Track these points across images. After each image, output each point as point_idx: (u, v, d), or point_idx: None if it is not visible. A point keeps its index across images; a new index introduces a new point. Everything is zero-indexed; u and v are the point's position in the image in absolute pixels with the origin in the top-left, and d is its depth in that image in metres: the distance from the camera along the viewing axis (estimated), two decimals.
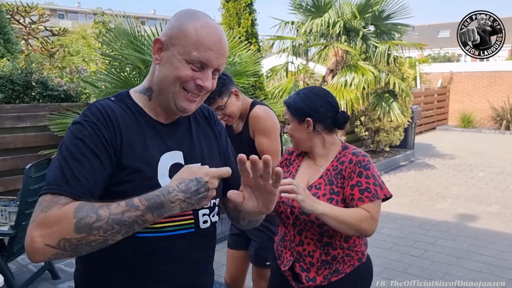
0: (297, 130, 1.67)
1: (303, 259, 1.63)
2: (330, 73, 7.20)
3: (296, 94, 1.69)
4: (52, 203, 0.93)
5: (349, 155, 1.60)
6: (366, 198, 1.53)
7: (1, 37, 5.57)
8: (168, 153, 1.10)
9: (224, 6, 5.54)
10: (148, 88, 1.13)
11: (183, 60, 1.05)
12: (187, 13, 1.09)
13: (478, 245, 4.19)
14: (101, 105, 1.08)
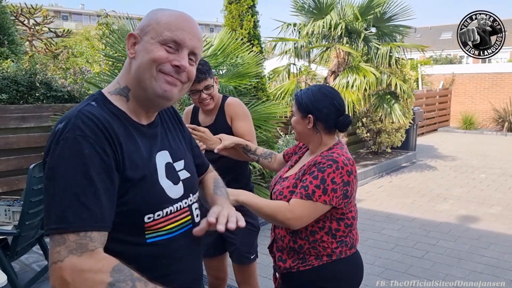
0: (299, 124, 1.72)
1: (277, 241, 1.73)
2: (332, 75, 7.22)
3: (307, 89, 1.73)
4: (81, 246, 0.87)
5: (319, 157, 1.62)
6: (299, 193, 1.56)
7: (6, 38, 5.61)
8: (159, 153, 1.11)
9: (227, 8, 5.57)
10: (124, 87, 1.09)
11: (157, 43, 1.04)
12: (161, 8, 1.11)
13: (480, 246, 4.20)
14: (90, 113, 0.99)
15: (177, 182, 1.12)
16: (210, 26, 55.05)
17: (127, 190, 1.00)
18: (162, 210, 1.06)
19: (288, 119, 6.18)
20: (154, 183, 1.05)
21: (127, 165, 1.00)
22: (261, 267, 3.75)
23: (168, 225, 1.07)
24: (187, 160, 1.21)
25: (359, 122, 8.10)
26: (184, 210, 1.12)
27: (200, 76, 2.14)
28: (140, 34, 1.06)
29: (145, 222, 1.03)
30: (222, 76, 4.51)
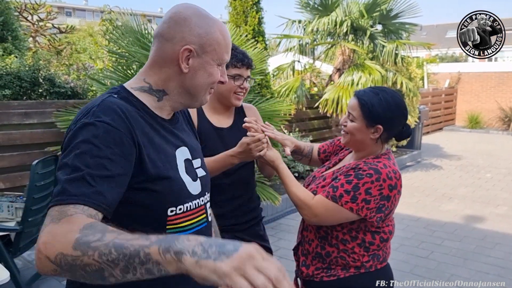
0: (361, 132, 1.52)
1: (304, 244, 1.64)
2: (337, 72, 7.17)
3: (375, 94, 1.52)
4: (61, 214, 0.84)
5: (362, 162, 1.51)
6: (326, 192, 1.47)
7: (9, 34, 5.60)
8: (179, 149, 1.13)
9: (231, 4, 5.54)
10: (159, 90, 1.10)
11: (215, 65, 1.10)
12: (199, 16, 1.08)
13: (485, 246, 4.15)
14: (112, 104, 1.00)
15: (195, 179, 1.15)
16: None
17: (150, 182, 1.01)
18: (183, 204, 1.08)
19: (292, 117, 6.14)
20: (176, 177, 1.07)
21: (148, 155, 1.01)
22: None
23: (187, 221, 1.09)
24: (202, 160, 1.24)
25: None
26: (201, 207, 1.15)
27: (251, 63, 1.92)
28: (197, 51, 1.07)
29: (168, 215, 1.05)
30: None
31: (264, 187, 4.51)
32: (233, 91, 1.89)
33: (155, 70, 1.10)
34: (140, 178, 1.00)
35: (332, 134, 7.90)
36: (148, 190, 1.01)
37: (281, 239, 4.35)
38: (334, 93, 6.48)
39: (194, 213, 1.11)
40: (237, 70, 1.88)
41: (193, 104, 1.15)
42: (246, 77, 1.91)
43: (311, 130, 7.60)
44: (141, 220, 1.02)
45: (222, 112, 2.00)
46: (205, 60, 1.08)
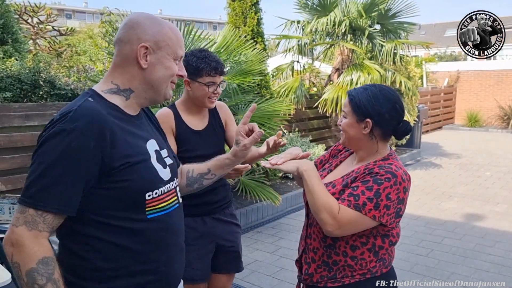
0: (352, 127, 1.53)
1: (308, 252, 1.60)
2: (336, 72, 7.19)
3: (363, 89, 1.54)
4: (33, 223, 1.08)
5: (376, 166, 1.47)
6: (347, 201, 1.41)
7: (10, 36, 5.62)
8: (149, 142, 1.28)
9: (230, 5, 5.55)
10: (126, 90, 1.25)
11: (171, 59, 1.25)
12: (151, 19, 1.25)
13: (485, 244, 4.17)
14: (87, 109, 1.14)
15: (165, 166, 1.30)
16: (214, 24, 55.01)
17: (125, 172, 1.16)
18: (158, 189, 1.24)
19: (291, 117, 6.16)
20: (149, 165, 1.23)
21: (121, 152, 1.15)
22: (265, 265, 3.75)
23: (163, 203, 1.25)
24: (169, 150, 1.39)
25: None
26: (172, 191, 1.31)
27: (223, 69, 2.06)
28: (153, 47, 1.22)
29: (146, 199, 1.20)
30: (226, 74, 4.49)
31: (264, 187, 4.53)
32: (207, 96, 2.08)
33: (119, 71, 1.25)
34: (116, 169, 1.14)
35: (332, 133, 7.91)
36: (125, 179, 1.16)
37: (281, 239, 4.36)
38: (333, 93, 6.50)
39: (167, 196, 1.27)
40: (210, 78, 2.05)
41: (158, 98, 1.29)
42: (219, 83, 2.08)
43: (310, 130, 7.62)
44: (123, 205, 1.17)
45: (197, 113, 2.19)
46: (161, 55, 1.23)
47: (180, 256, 1.35)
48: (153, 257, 1.23)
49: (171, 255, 1.28)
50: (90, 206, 1.15)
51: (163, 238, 1.25)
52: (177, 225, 1.32)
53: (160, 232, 1.24)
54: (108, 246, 1.17)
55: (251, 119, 2.22)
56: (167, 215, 1.26)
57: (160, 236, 1.24)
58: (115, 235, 1.17)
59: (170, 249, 1.28)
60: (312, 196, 1.44)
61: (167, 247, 1.27)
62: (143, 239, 1.20)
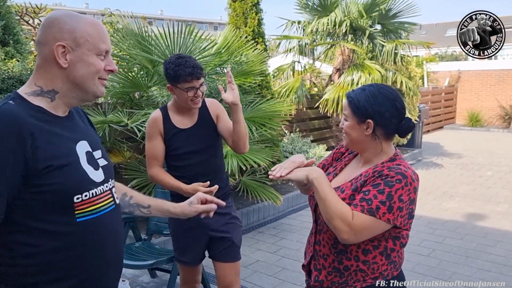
0: (354, 129, 1.50)
1: (317, 259, 1.57)
2: (336, 72, 7.19)
3: (362, 90, 1.52)
4: None
5: (385, 168, 1.44)
6: (360, 206, 1.38)
7: (11, 38, 5.63)
8: (79, 143, 1.25)
9: (231, 6, 5.56)
10: (50, 91, 1.21)
11: (94, 55, 1.20)
12: (68, 16, 1.21)
13: (487, 244, 4.17)
14: (5, 112, 1.11)
15: (97, 168, 1.27)
16: (214, 24, 55.04)
17: (50, 175, 1.13)
18: (88, 191, 1.21)
19: (292, 117, 6.16)
20: (77, 167, 1.20)
21: (44, 155, 1.12)
22: (267, 266, 3.75)
23: (95, 205, 1.22)
24: (103, 151, 1.36)
25: None
26: (106, 193, 1.28)
27: (200, 72, 2.15)
28: (71, 45, 1.18)
29: (74, 202, 1.17)
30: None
31: (265, 187, 4.53)
32: (189, 100, 2.17)
33: (41, 73, 1.21)
34: (40, 172, 1.12)
35: (333, 134, 7.91)
36: (50, 182, 1.13)
37: (283, 239, 4.37)
38: (334, 93, 6.50)
39: (99, 198, 1.24)
40: (188, 84, 2.13)
41: (87, 96, 1.26)
42: (199, 86, 2.16)
43: (311, 130, 7.62)
44: (51, 208, 1.15)
45: (186, 112, 2.27)
46: (81, 52, 1.19)
47: (116, 259, 1.33)
48: (85, 261, 1.21)
49: (106, 259, 1.27)
50: (17, 210, 1.12)
51: (95, 241, 1.22)
52: (113, 227, 1.29)
53: (92, 236, 1.21)
54: (36, 250, 1.15)
55: (252, 120, 2.26)
56: (100, 217, 1.24)
57: (91, 240, 1.21)
58: (43, 239, 1.14)
59: (104, 252, 1.26)
60: (324, 204, 1.40)
61: (101, 250, 1.25)
62: (73, 243, 1.18)
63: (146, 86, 4.11)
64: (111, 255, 1.30)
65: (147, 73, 4.09)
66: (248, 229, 4.62)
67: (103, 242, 1.25)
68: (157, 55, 4.03)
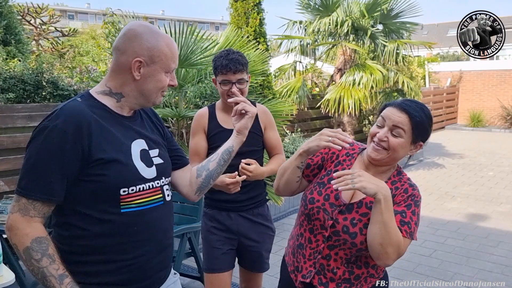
0: (404, 148, 1.43)
1: (324, 273, 1.49)
2: (338, 72, 7.19)
3: (421, 109, 1.46)
4: (26, 209, 1.22)
5: (405, 184, 1.46)
6: (404, 231, 1.36)
7: (13, 37, 5.64)
8: (135, 141, 1.34)
9: (233, 6, 5.56)
10: (117, 93, 1.34)
11: (163, 73, 1.33)
12: (150, 32, 1.31)
13: (488, 245, 4.16)
14: (70, 108, 1.26)
15: (150, 165, 1.36)
16: (216, 24, 55.05)
17: (101, 167, 1.24)
18: (135, 186, 1.29)
19: (294, 117, 6.16)
20: (127, 163, 1.29)
21: (97, 148, 1.24)
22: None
23: (141, 199, 1.31)
24: (161, 151, 1.43)
25: (366, 120, 8.06)
26: (156, 189, 1.36)
27: (237, 66, 2.06)
28: (147, 61, 1.29)
29: (120, 194, 1.26)
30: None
31: (266, 187, 4.52)
32: (225, 94, 2.11)
33: (114, 77, 1.34)
34: (93, 163, 1.23)
35: None
36: (101, 173, 1.24)
37: (284, 239, 4.36)
38: (336, 93, 6.50)
39: (147, 193, 1.32)
40: (223, 76, 2.08)
41: (147, 104, 1.38)
42: (235, 81, 2.08)
43: (313, 130, 7.61)
44: (100, 197, 1.25)
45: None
46: (154, 68, 1.31)
47: (160, 253, 1.38)
48: (125, 249, 1.30)
49: (147, 250, 1.33)
50: (73, 196, 1.25)
51: (136, 232, 1.30)
52: (158, 222, 1.36)
53: (133, 227, 1.30)
54: (83, 233, 1.27)
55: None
56: (145, 211, 1.31)
57: (133, 231, 1.30)
58: (89, 223, 1.26)
59: (146, 244, 1.33)
60: (385, 229, 1.32)
61: (142, 242, 1.32)
62: (116, 231, 1.28)
63: None
64: (155, 248, 1.36)
65: None
66: None
67: (145, 233, 1.32)
68: None
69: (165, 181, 1.41)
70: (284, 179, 1.57)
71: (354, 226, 1.41)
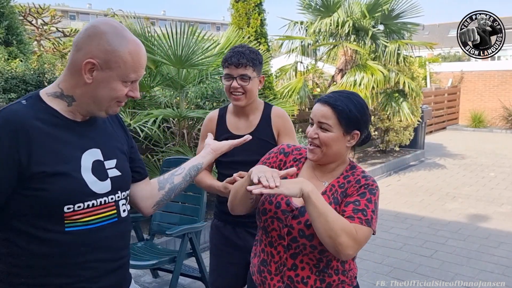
0: (337, 141, 1.39)
1: (294, 285, 1.40)
2: (339, 73, 7.19)
3: (346, 98, 1.40)
4: None
5: (357, 176, 1.42)
6: (357, 218, 1.31)
7: (14, 38, 5.65)
8: (88, 151, 1.20)
9: (234, 6, 5.57)
10: (68, 96, 1.19)
11: (120, 82, 1.17)
12: (115, 33, 1.15)
13: (489, 245, 4.16)
14: (8, 113, 1.12)
15: (104, 178, 1.22)
16: (217, 25, 55.09)
17: (43, 181, 1.11)
18: (83, 202, 1.16)
19: (295, 118, 6.16)
20: (74, 177, 1.15)
21: (39, 160, 1.10)
22: None
23: (89, 216, 1.17)
24: (120, 160, 1.29)
25: None
26: (109, 204, 1.22)
27: (240, 60, 1.89)
28: (101, 65, 1.14)
29: (64, 212, 1.13)
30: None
31: None
32: (228, 91, 1.95)
33: (67, 76, 1.19)
34: (32, 176, 1.10)
35: None
36: (41, 187, 1.11)
37: None
38: None
39: (97, 210, 1.19)
40: (226, 70, 1.93)
41: (99, 113, 1.22)
42: (236, 76, 1.91)
43: None
44: (40, 214, 1.13)
45: (245, 116, 2.01)
46: (109, 75, 1.15)
47: (110, 275, 1.25)
48: (70, 272, 1.17)
49: (94, 273, 1.20)
50: (11, 211, 1.13)
51: (84, 253, 1.17)
52: (109, 241, 1.23)
53: (80, 247, 1.17)
54: (25, 253, 1.14)
55: None
56: (94, 229, 1.18)
57: (78, 252, 1.17)
58: (32, 243, 1.13)
59: (93, 266, 1.20)
60: (325, 220, 1.25)
61: (89, 264, 1.19)
62: (59, 252, 1.15)
63: (148, 87, 4.12)
64: (104, 270, 1.22)
65: (150, 73, 4.10)
66: None
67: (93, 254, 1.19)
68: (160, 55, 4.03)
69: (121, 195, 1.27)
70: (237, 199, 1.47)
71: (309, 228, 1.34)
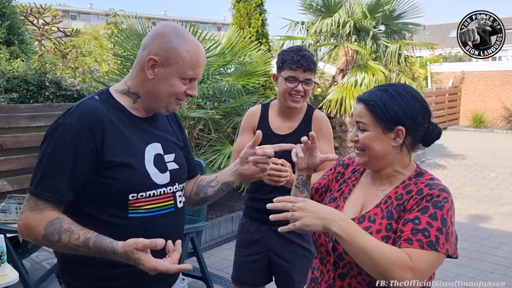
0: (378, 141, 1.21)
1: None
2: (340, 73, 7.19)
3: (382, 91, 1.23)
4: (35, 206, 1.19)
5: (420, 185, 1.19)
6: (417, 241, 1.08)
7: (16, 38, 5.67)
8: (150, 145, 1.31)
9: (235, 7, 5.57)
10: (134, 93, 1.30)
11: (178, 78, 1.25)
12: (175, 34, 1.26)
13: (490, 246, 4.16)
14: (85, 106, 1.24)
15: (164, 171, 1.32)
16: (218, 25, 55.10)
17: (112, 170, 1.21)
18: (145, 191, 1.26)
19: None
20: (139, 168, 1.25)
21: (110, 151, 1.21)
22: None
23: (150, 205, 1.27)
24: (178, 155, 1.39)
25: None
26: (168, 195, 1.32)
27: (309, 65, 1.89)
28: (162, 62, 1.24)
29: (129, 199, 1.23)
30: (230, 75, 4.50)
31: None
32: (287, 92, 1.93)
33: (134, 75, 1.30)
34: (104, 164, 1.21)
35: (336, 134, 7.91)
36: (111, 176, 1.21)
37: None
38: (338, 94, 6.50)
39: (157, 199, 1.29)
40: (291, 72, 1.90)
41: (160, 109, 1.31)
42: (302, 80, 1.91)
43: None
44: (109, 200, 1.23)
45: (287, 116, 2.02)
46: (168, 71, 1.24)
47: None
48: None
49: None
50: (83, 197, 1.23)
51: (144, 238, 1.20)
52: (167, 228, 1.30)
53: (141, 232, 1.21)
54: None
55: None
56: (153, 217, 1.27)
57: (140, 236, 1.20)
58: (100, 226, 1.21)
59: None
60: (367, 257, 1.06)
61: None
62: (123, 235, 1.20)
63: None
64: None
65: None
66: None
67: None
68: None
69: (178, 187, 1.37)
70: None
71: None
